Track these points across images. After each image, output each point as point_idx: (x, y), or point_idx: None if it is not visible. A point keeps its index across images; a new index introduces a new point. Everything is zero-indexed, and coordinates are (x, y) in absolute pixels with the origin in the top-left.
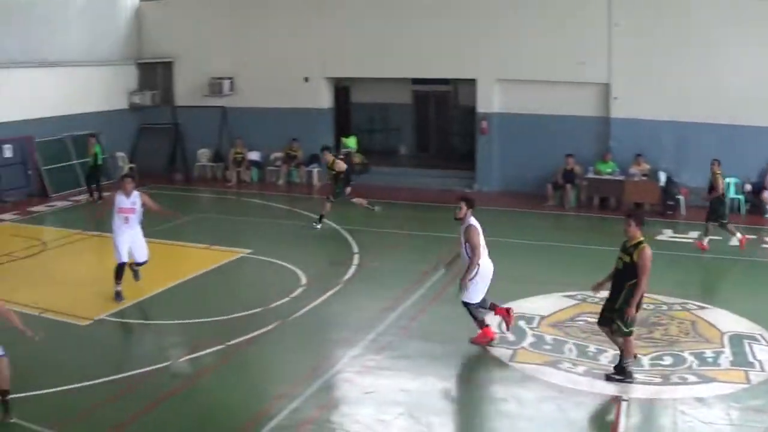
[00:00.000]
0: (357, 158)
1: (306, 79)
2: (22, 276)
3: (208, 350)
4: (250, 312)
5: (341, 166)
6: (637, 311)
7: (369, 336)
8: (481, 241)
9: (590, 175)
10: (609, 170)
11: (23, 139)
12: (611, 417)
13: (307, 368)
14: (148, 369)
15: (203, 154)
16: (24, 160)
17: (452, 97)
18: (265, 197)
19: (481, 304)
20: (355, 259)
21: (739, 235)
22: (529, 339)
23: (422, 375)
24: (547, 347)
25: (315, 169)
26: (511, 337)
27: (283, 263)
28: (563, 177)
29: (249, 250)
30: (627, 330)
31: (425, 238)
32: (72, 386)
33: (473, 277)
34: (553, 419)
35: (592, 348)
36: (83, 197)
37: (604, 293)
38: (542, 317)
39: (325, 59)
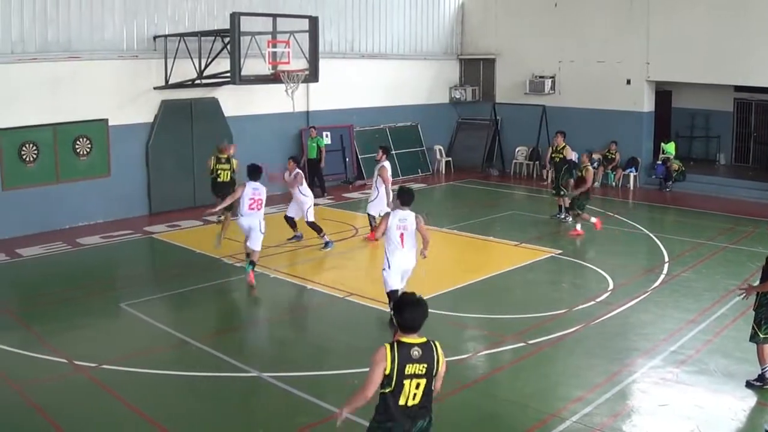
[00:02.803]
0: (675, 164)
1: (628, 82)
2: (331, 258)
3: (508, 347)
4: (553, 312)
5: (569, 152)
6: None
7: (670, 348)
8: (390, 176)
9: None
10: None
11: (344, 128)
12: None
13: (605, 374)
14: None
15: (520, 152)
16: (342, 148)
17: None
18: None
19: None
20: (665, 268)
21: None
22: None
23: (719, 392)
24: None
25: (632, 173)
26: None
27: (592, 266)
28: None
29: (559, 251)
30: None
31: (738, 252)
32: (362, 370)
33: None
34: None
35: None
36: None
37: None
38: None
39: (649, 62)
